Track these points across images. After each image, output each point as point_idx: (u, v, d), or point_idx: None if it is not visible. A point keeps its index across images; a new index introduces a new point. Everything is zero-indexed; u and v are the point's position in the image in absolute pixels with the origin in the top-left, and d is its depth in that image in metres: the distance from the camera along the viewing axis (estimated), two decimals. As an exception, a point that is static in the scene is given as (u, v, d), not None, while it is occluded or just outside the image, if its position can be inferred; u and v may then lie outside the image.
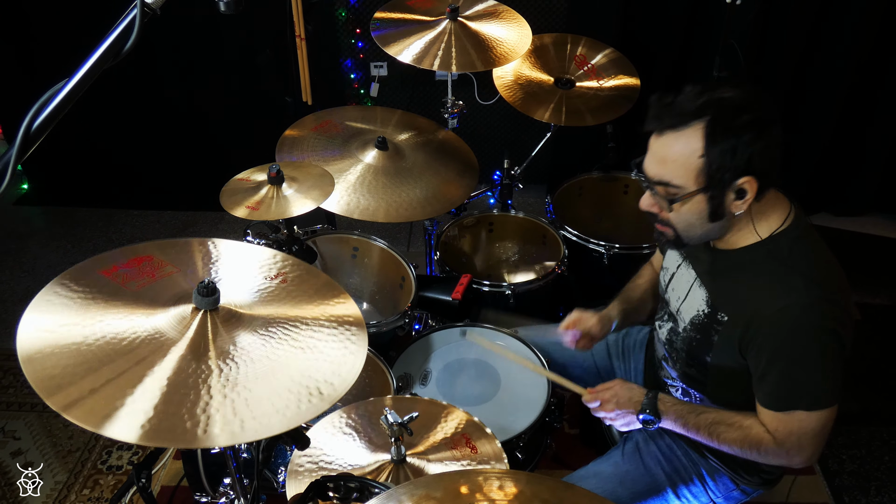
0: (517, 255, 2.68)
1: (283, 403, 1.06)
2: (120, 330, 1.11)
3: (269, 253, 1.34)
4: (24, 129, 0.99)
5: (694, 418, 1.58)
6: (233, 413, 1.03)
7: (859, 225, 3.38)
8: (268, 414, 1.05)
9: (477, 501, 1.01)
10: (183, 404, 1.02)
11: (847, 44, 2.98)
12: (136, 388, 1.02)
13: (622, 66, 2.61)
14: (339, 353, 1.17)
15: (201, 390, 1.04)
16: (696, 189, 1.42)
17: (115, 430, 0.97)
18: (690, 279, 1.63)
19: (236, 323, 1.16)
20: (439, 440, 1.62)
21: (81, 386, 1.01)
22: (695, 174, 1.41)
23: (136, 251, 1.26)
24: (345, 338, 1.20)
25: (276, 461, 1.89)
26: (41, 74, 3.23)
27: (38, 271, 3.26)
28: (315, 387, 1.10)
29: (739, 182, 1.40)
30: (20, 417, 2.58)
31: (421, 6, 2.40)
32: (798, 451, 1.48)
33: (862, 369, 2.62)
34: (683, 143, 1.40)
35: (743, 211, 1.44)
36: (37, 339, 1.08)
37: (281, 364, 1.12)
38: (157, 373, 1.05)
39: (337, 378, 1.12)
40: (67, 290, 1.17)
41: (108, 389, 1.01)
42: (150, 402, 1.01)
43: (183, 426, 1.00)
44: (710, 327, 1.55)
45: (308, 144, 2.21)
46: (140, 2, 1.03)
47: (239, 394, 1.06)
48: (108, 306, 1.15)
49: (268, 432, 1.03)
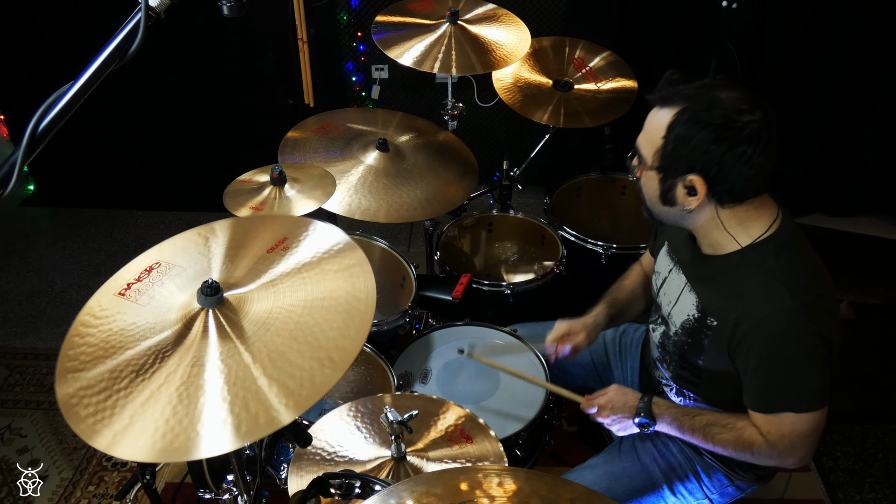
0: (516, 255, 2.70)
1: (297, 383, 1.05)
2: (140, 353, 1.11)
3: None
4: (30, 130, 1.00)
5: (689, 420, 1.59)
6: (256, 404, 1.02)
7: (854, 225, 3.40)
8: (286, 396, 1.03)
9: (476, 498, 1.02)
10: (204, 412, 1.02)
11: (841, 46, 3.00)
12: (166, 408, 1.03)
13: (620, 69, 2.63)
14: (348, 294, 1.15)
15: (227, 391, 1.04)
16: (650, 165, 1.48)
17: (126, 452, 0.99)
18: (681, 284, 1.64)
19: (243, 309, 1.15)
20: (438, 436, 1.64)
21: (122, 419, 1.03)
22: (653, 151, 1.47)
23: (147, 259, 1.26)
24: (351, 275, 1.19)
25: (279, 458, 1.91)
26: (47, 77, 3.25)
27: (43, 271, 3.29)
28: (327, 356, 1.08)
29: (689, 177, 1.43)
30: (26, 415, 2.61)
31: (421, 10, 2.42)
32: (790, 453, 1.49)
33: (856, 368, 2.64)
34: (657, 119, 1.45)
35: (691, 207, 1.47)
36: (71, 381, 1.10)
37: (290, 341, 1.10)
38: (181, 387, 1.05)
39: (347, 341, 1.10)
40: (92, 322, 1.17)
41: (143, 419, 1.03)
42: (183, 417, 1.02)
43: (209, 433, 1.00)
44: (701, 332, 1.56)
45: (310, 146, 2.23)
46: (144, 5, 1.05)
47: (256, 382, 1.05)
48: (127, 330, 1.15)
49: (289, 417, 1.02)
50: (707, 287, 1.57)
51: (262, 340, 1.11)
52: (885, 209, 3.46)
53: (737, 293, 1.49)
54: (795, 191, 3.29)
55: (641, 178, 1.53)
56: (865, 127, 3.22)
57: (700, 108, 1.39)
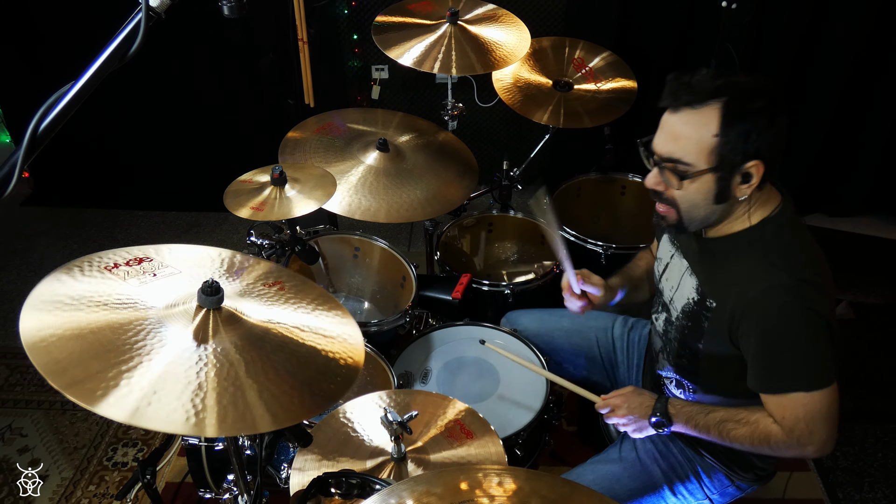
0: (516, 255, 2.70)
1: (287, 399, 1.08)
2: (123, 320, 1.12)
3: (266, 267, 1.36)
4: (31, 131, 1.01)
5: (703, 418, 1.58)
6: (233, 406, 1.04)
7: (853, 225, 3.40)
8: (272, 408, 1.06)
9: (476, 497, 1.03)
10: (185, 392, 1.04)
11: (841, 46, 3.00)
12: (134, 373, 1.04)
13: (619, 69, 2.63)
14: (336, 364, 1.19)
15: (203, 382, 1.06)
16: (706, 168, 1.44)
17: (108, 410, 0.99)
18: (682, 268, 1.65)
19: (238, 325, 1.17)
20: (438, 432, 1.64)
21: (86, 368, 1.02)
22: (707, 153, 1.42)
23: (135, 252, 1.27)
24: (342, 349, 1.22)
25: (279, 458, 1.91)
26: (47, 77, 3.23)
27: (44, 271, 3.22)
28: (318, 386, 1.12)
29: (748, 165, 1.42)
30: (27, 415, 2.61)
31: (421, 10, 2.42)
32: (809, 438, 1.45)
33: (855, 367, 2.64)
34: (699, 120, 1.41)
35: (746, 196, 1.46)
36: (41, 322, 1.09)
37: (282, 364, 1.13)
38: (157, 361, 1.07)
39: (338, 378, 1.14)
40: (71, 277, 1.18)
41: (111, 373, 1.03)
42: (151, 386, 1.03)
43: (185, 414, 1.02)
44: (700, 314, 1.56)
45: (310, 146, 2.23)
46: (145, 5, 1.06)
47: (241, 387, 1.07)
48: (110, 297, 1.16)
49: (275, 425, 1.04)
50: (707, 269, 1.58)
51: (253, 349, 1.13)
52: (885, 209, 3.46)
53: (735, 273, 1.50)
54: (795, 191, 3.27)
55: (690, 186, 1.47)
56: (865, 127, 3.23)
57: (744, 98, 1.40)
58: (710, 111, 1.40)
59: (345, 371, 1.18)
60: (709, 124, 1.41)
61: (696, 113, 1.42)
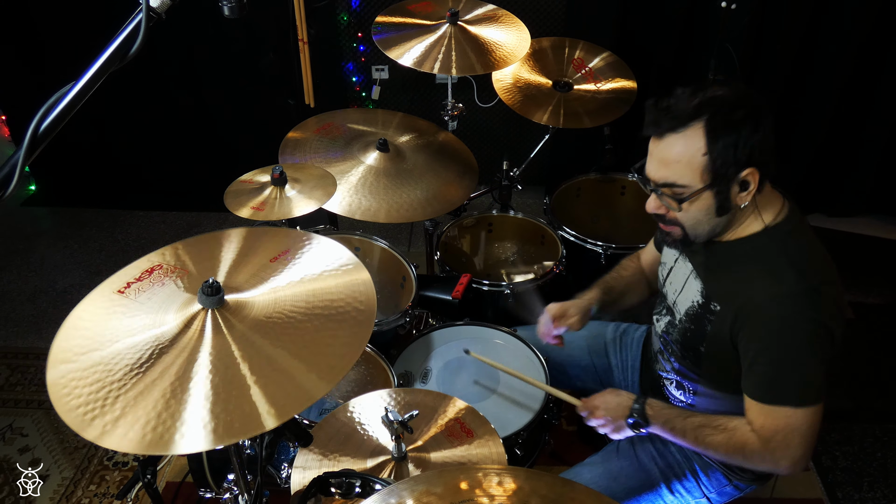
0: (516, 255, 2.71)
1: (294, 388, 1.07)
2: (136, 345, 1.13)
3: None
4: (32, 131, 1.01)
5: (681, 422, 1.59)
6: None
7: (852, 225, 3.41)
8: (282, 398, 1.05)
9: (476, 497, 1.03)
10: (205, 406, 1.04)
11: (840, 47, 3.01)
12: (159, 403, 1.04)
13: (619, 70, 2.64)
14: (348, 333, 1.17)
15: (210, 392, 1.06)
16: (702, 186, 1.45)
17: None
18: (687, 272, 1.65)
19: (244, 313, 1.17)
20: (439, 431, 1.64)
21: (113, 411, 1.04)
22: (700, 172, 1.43)
23: (150, 261, 1.28)
24: (353, 308, 1.20)
25: (280, 457, 1.92)
26: (48, 77, 3.25)
27: (45, 271, 3.30)
28: (325, 364, 1.10)
29: (743, 174, 1.43)
30: (28, 414, 2.62)
31: (421, 10, 2.42)
32: (784, 452, 1.46)
33: (855, 367, 2.65)
34: (685, 143, 1.42)
35: (748, 203, 1.47)
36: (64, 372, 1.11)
37: (288, 345, 1.13)
38: (179, 383, 1.07)
39: (347, 347, 1.13)
40: (90, 314, 1.20)
41: (134, 411, 1.04)
42: (183, 412, 1.03)
43: (208, 427, 1.02)
44: (704, 317, 1.57)
45: (311, 146, 2.24)
46: (145, 6, 1.06)
47: (253, 384, 1.07)
48: (122, 325, 1.17)
49: (284, 417, 1.04)
50: (713, 273, 1.58)
51: (257, 344, 1.12)
52: (884, 209, 3.47)
53: (742, 278, 1.50)
54: (794, 191, 3.28)
55: (690, 207, 1.48)
56: (864, 127, 3.23)
57: (725, 111, 1.40)
58: (694, 132, 1.41)
59: (357, 325, 1.16)
60: (696, 144, 1.41)
61: (681, 136, 1.42)
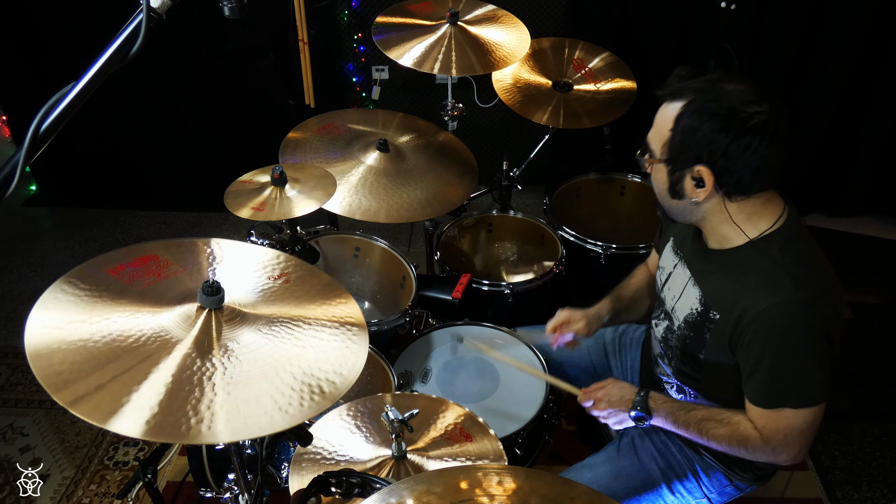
0: (516, 255, 2.71)
1: (285, 401, 1.08)
2: (126, 327, 1.13)
3: (272, 254, 1.37)
4: (32, 131, 1.01)
5: (684, 415, 1.60)
6: (236, 410, 1.05)
7: (852, 225, 3.41)
8: (271, 411, 1.06)
9: (476, 496, 1.03)
10: (187, 401, 1.04)
11: (839, 47, 3.01)
12: (142, 385, 1.04)
13: (619, 70, 2.64)
14: (340, 353, 1.19)
15: (205, 387, 1.06)
16: (660, 158, 1.50)
17: (121, 426, 0.99)
18: (685, 278, 1.65)
19: (240, 321, 1.18)
20: (438, 435, 1.65)
21: (88, 382, 1.03)
22: (661, 143, 1.49)
23: (142, 250, 1.29)
24: (346, 338, 1.22)
25: (280, 457, 1.92)
26: (49, 78, 3.26)
27: (45, 271, 3.30)
28: (317, 385, 1.12)
29: (697, 169, 1.44)
30: (28, 414, 2.62)
31: (421, 11, 2.42)
32: (784, 448, 1.49)
33: (854, 367, 2.65)
34: (667, 114, 1.47)
35: (699, 199, 1.48)
36: (44, 335, 1.11)
37: (284, 362, 1.14)
38: (162, 370, 1.07)
39: (339, 377, 1.15)
40: (74, 287, 1.19)
41: (114, 385, 1.04)
42: (155, 398, 1.03)
43: (187, 422, 1.02)
44: (703, 325, 1.57)
45: (311, 146, 2.24)
46: (146, 6, 1.06)
47: (242, 391, 1.08)
48: (114, 304, 1.17)
49: (270, 429, 1.05)
50: (711, 281, 1.58)
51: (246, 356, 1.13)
52: (884, 209, 3.47)
53: (741, 286, 1.50)
54: (794, 191, 3.30)
55: (651, 172, 1.55)
56: (863, 127, 3.23)
57: (707, 100, 1.41)
58: (675, 107, 1.45)
59: (346, 371, 1.18)
60: (670, 118, 1.46)
61: (668, 106, 1.48)
